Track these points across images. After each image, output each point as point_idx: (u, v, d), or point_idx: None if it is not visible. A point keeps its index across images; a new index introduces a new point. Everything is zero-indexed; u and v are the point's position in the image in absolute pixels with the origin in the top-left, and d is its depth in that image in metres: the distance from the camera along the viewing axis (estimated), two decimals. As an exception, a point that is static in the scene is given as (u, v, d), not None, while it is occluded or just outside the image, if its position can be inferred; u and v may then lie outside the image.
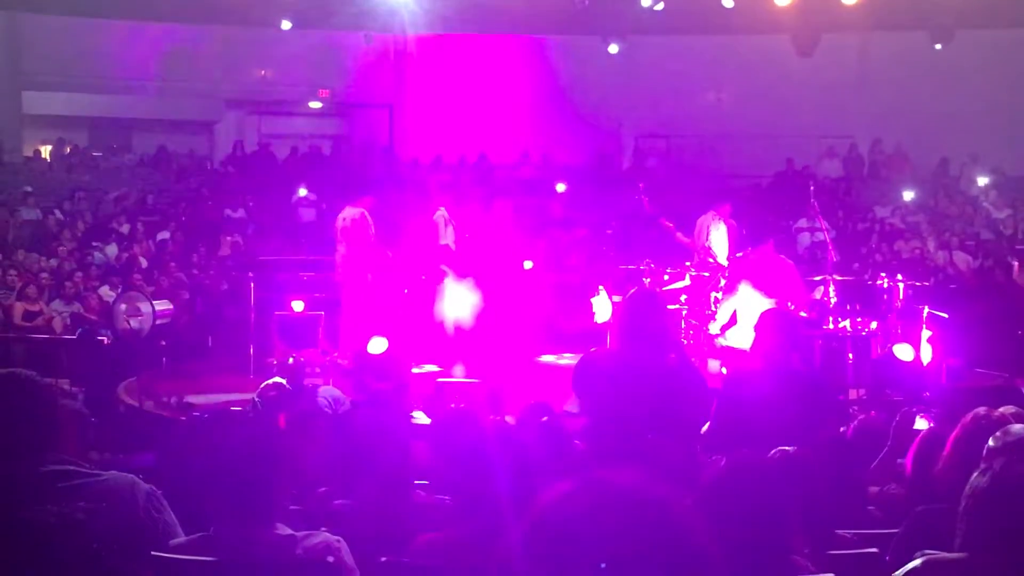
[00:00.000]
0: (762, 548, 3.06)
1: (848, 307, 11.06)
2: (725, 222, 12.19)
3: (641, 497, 1.45)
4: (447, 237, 12.71)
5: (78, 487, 3.30)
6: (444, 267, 12.58)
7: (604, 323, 11.34)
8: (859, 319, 10.67)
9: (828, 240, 12.39)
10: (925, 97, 19.69)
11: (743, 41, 20.44)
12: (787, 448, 4.03)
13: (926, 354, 10.10)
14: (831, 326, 10.37)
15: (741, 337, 9.25)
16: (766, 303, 9.00)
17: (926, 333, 10.77)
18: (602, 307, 11.51)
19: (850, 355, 10.19)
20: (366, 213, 12.18)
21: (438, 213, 12.86)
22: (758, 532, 3.04)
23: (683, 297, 11.03)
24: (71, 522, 3.22)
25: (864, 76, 21.23)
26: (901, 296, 11.31)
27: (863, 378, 10.21)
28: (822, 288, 11.04)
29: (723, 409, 5.81)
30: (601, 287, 11.86)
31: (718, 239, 12.04)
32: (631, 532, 1.41)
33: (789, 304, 9.60)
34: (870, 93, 21.03)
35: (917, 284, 11.83)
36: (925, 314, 11.07)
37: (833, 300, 10.81)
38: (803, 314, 10.42)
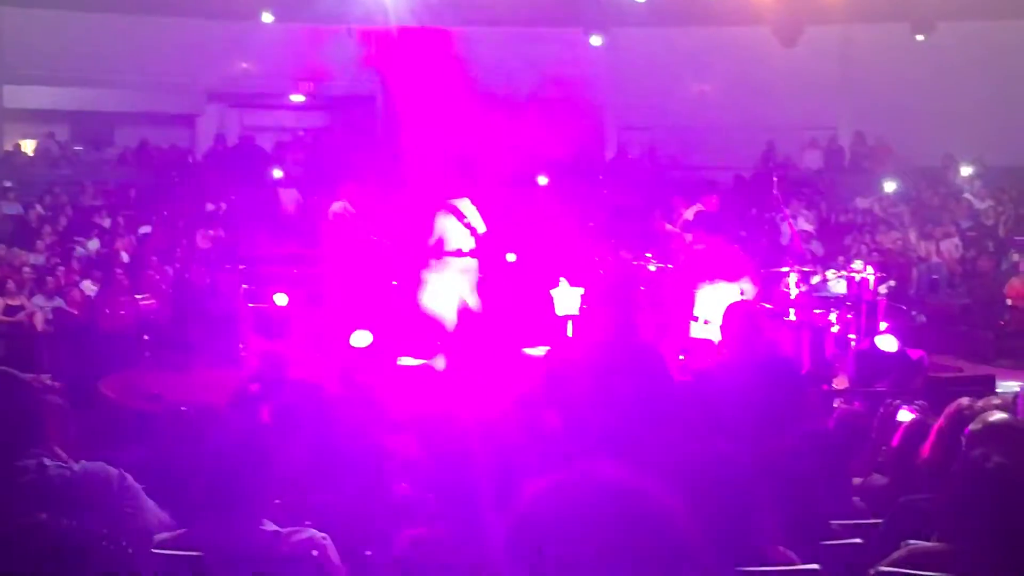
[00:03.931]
0: (735, 539, 3.06)
1: (810, 298, 11.09)
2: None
3: (625, 489, 1.44)
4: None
5: (51, 480, 3.28)
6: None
7: (566, 315, 11.28)
8: (818, 310, 10.71)
9: (792, 231, 12.42)
10: (907, 88, 19.69)
11: (725, 33, 20.43)
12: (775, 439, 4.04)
13: (885, 345, 10.16)
14: (792, 317, 10.39)
15: (702, 329, 9.28)
16: (720, 294, 9.03)
17: (883, 325, 10.82)
18: (563, 299, 11.44)
19: (808, 345, 10.22)
20: (347, 205, 12.12)
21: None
22: (731, 522, 3.05)
23: (640, 288, 11.05)
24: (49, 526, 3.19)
25: (846, 68, 21.24)
26: (871, 287, 11.36)
27: (825, 369, 10.22)
28: (789, 279, 11.08)
29: (693, 402, 5.82)
30: (562, 278, 11.79)
31: None
32: (615, 525, 1.41)
33: (742, 294, 9.63)
34: (852, 85, 21.06)
35: (882, 276, 11.85)
36: (884, 306, 11.13)
37: (795, 291, 10.83)
38: (767, 305, 10.45)
